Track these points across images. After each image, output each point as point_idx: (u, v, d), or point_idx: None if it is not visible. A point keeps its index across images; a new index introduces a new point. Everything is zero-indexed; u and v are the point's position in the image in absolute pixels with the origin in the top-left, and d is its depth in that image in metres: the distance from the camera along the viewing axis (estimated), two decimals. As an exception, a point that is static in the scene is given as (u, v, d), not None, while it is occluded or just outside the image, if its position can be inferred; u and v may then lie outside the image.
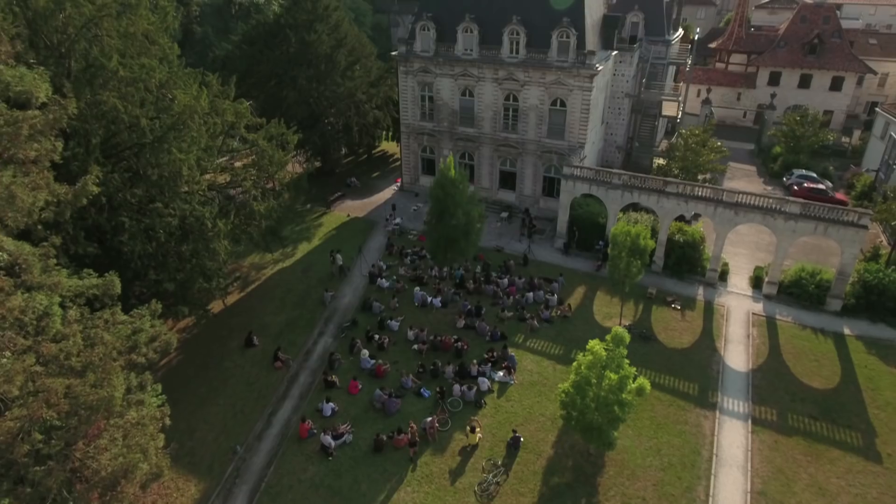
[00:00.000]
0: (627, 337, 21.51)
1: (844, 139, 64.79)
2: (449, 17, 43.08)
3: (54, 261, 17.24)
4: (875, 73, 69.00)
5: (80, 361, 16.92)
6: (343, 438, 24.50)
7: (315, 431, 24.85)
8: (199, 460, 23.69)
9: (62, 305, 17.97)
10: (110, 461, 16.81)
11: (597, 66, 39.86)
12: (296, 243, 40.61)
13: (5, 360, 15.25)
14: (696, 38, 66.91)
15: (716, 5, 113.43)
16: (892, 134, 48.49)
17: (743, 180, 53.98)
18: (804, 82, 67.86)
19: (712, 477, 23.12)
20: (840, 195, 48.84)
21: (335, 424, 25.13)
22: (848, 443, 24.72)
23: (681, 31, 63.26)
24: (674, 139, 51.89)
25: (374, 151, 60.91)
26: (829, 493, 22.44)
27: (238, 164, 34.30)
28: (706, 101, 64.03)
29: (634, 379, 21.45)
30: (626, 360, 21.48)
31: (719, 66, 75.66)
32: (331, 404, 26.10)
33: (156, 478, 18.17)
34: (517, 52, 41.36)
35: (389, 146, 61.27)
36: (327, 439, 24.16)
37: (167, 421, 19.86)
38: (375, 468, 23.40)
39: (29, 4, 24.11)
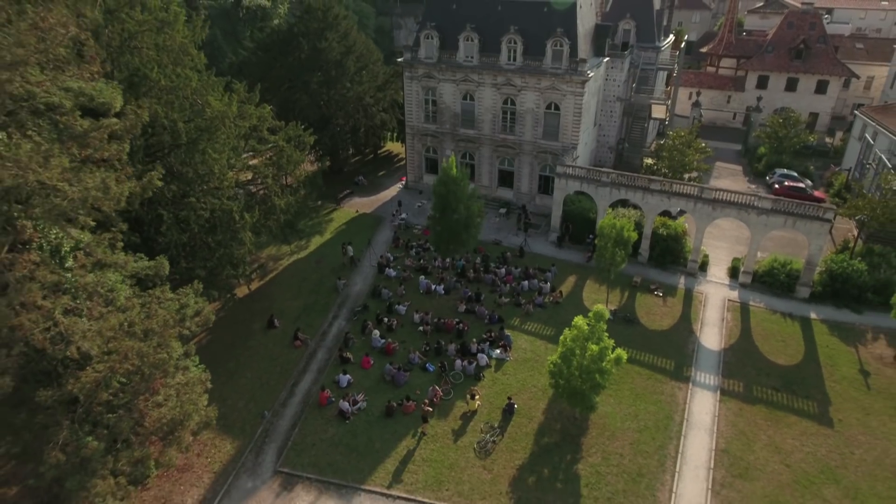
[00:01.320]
0: (607, 313, 24.73)
1: (828, 139, 67.95)
2: (451, 27, 46.28)
3: (122, 244, 20.47)
4: (857, 76, 72.16)
5: (141, 328, 20.16)
6: (358, 405, 27.76)
7: (333, 399, 28.09)
8: (232, 423, 26.89)
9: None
10: (168, 411, 20.10)
11: (588, 72, 43.05)
12: (309, 236, 43.78)
13: (84, 323, 18.50)
14: (684, 42, 69.87)
15: (710, 9, 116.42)
16: (867, 136, 51.65)
17: (729, 179, 57.10)
18: (791, 86, 70.91)
19: (682, 437, 26.33)
20: (819, 193, 51.97)
21: (351, 393, 28.35)
22: (805, 410, 27.92)
23: (672, 37, 66.43)
24: (662, 140, 55.04)
25: (379, 151, 64.09)
26: (783, 450, 25.64)
27: (255, 161, 37.28)
28: (696, 104, 67.22)
29: (613, 350, 24.64)
30: (606, 334, 24.67)
31: (710, 69, 78.83)
32: (347, 376, 29.36)
33: (206, 426, 21.51)
34: (514, 60, 44.56)
35: (394, 146, 64.49)
36: (345, 405, 27.40)
37: (208, 384, 23.10)
38: (387, 430, 26.64)
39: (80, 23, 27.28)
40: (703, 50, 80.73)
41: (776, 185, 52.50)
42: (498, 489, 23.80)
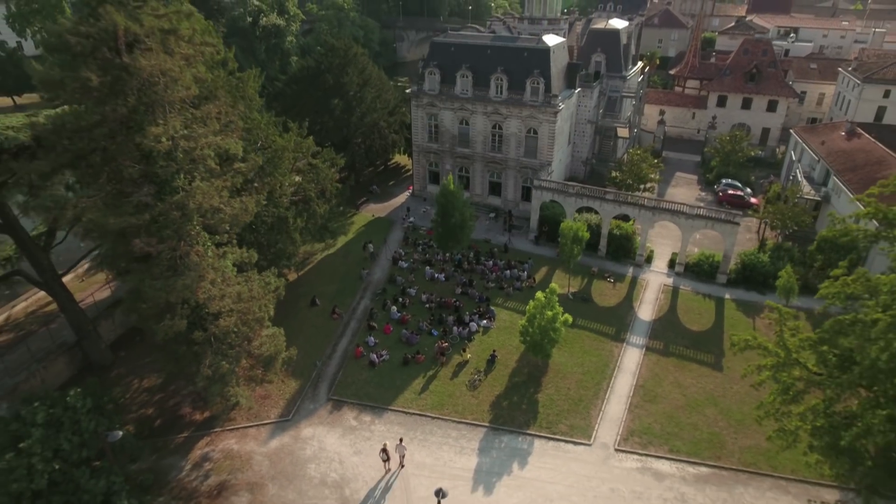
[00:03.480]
0: (558, 289, 35.55)
1: (779, 151, 78.68)
2: (450, 66, 57.08)
3: (235, 241, 31.17)
4: (802, 97, 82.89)
5: (248, 296, 30.87)
6: (383, 357, 38.56)
7: (365, 354, 38.91)
8: (293, 369, 37.48)
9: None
10: (266, 349, 30.92)
11: (560, 105, 53.87)
12: (336, 236, 54.36)
13: (216, 290, 29.17)
14: (659, 60, 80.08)
15: (688, 28, 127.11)
16: (792, 152, 62.43)
17: (684, 187, 67.84)
18: (746, 104, 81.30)
19: (613, 378, 37.12)
20: (755, 200, 62.65)
21: (377, 350, 39.17)
22: (704, 360, 38.72)
23: (640, 64, 77.30)
24: (621, 156, 65.82)
25: (389, 163, 74.90)
26: (683, 386, 36.46)
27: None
28: (660, 122, 77.92)
29: (562, 315, 35.43)
30: (558, 304, 35.41)
31: (677, 89, 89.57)
32: (373, 338, 40.17)
33: (290, 360, 32.37)
34: (501, 93, 55.37)
35: (401, 158, 75.23)
36: (373, 357, 38.24)
37: (283, 338, 33.82)
38: (404, 373, 37.45)
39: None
40: (672, 72, 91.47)
41: (720, 193, 63.34)
42: (482, 409, 34.64)
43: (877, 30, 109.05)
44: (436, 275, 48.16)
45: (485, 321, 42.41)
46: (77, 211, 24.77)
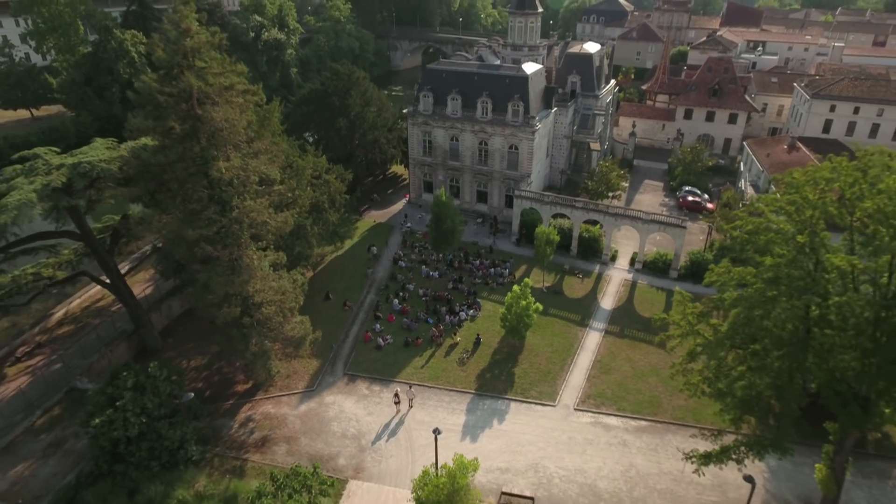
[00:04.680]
0: (531, 283, 43.83)
1: (738, 160, 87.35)
2: (442, 89, 65.24)
3: (272, 246, 39.17)
4: (759, 110, 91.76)
5: (283, 289, 38.88)
6: (388, 341, 46.70)
7: (373, 338, 47.03)
8: (315, 351, 45.51)
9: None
10: (297, 332, 38.98)
11: (537, 124, 62.19)
12: (344, 240, 62.42)
13: (261, 284, 37.18)
14: (622, 80, 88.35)
15: (664, 41, 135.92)
16: (742, 163, 71.03)
17: (650, 194, 76.35)
18: (710, 117, 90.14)
19: (576, 355, 45.44)
20: (711, 205, 71.22)
21: (383, 335, 47.28)
22: (651, 340, 46.96)
23: (612, 83, 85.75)
24: (595, 167, 74.22)
25: (387, 173, 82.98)
26: (633, 360, 44.85)
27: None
28: (632, 134, 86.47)
29: (534, 304, 43.70)
30: (531, 294, 43.64)
31: (649, 103, 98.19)
32: (379, 326, 48.31)
33: (316, 341, 40.46)
34: (486, 114, 63.61)
35: (398, 168, 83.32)
36: (379, 341, 46.38)
37: (309, 324, 41.83)
38: (405, 354, 45.59)
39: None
40: (644, 87, 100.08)
41: (681, 199, 71.90)
42: (469, 379, 42.91)
43: (836, 44, 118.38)
44: (431, 273, 56.30)
45: (472, 311, 50.61)
46: (160, 225, 32.78)
